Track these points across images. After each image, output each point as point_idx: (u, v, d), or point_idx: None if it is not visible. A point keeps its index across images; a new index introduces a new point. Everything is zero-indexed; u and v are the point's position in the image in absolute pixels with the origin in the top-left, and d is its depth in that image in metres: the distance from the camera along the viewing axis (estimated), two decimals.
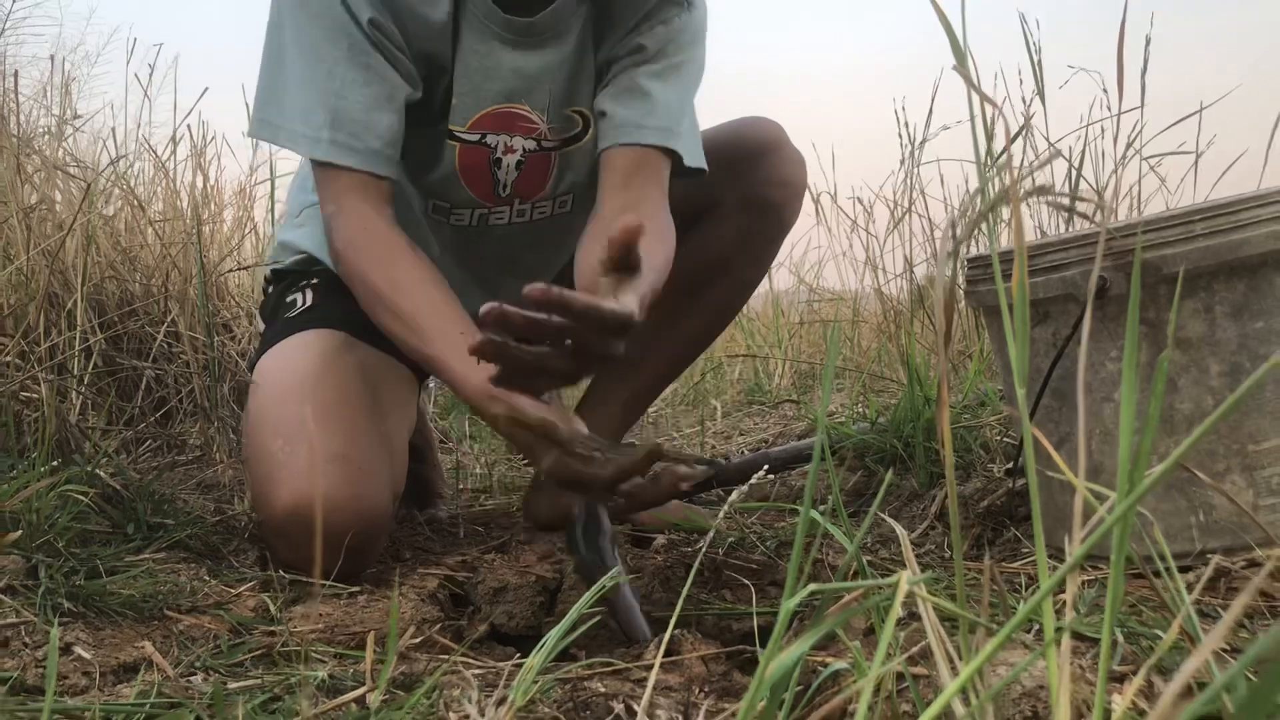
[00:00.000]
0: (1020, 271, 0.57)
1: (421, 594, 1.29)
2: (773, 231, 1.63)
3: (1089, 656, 0.86)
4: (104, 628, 1.08)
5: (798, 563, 0.43)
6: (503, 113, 1.43)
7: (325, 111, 1.28)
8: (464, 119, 1.42)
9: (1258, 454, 1.09)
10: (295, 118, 1.30)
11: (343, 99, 1.28)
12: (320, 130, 1.28)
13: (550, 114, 1.45)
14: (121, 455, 1.57)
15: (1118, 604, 0.52)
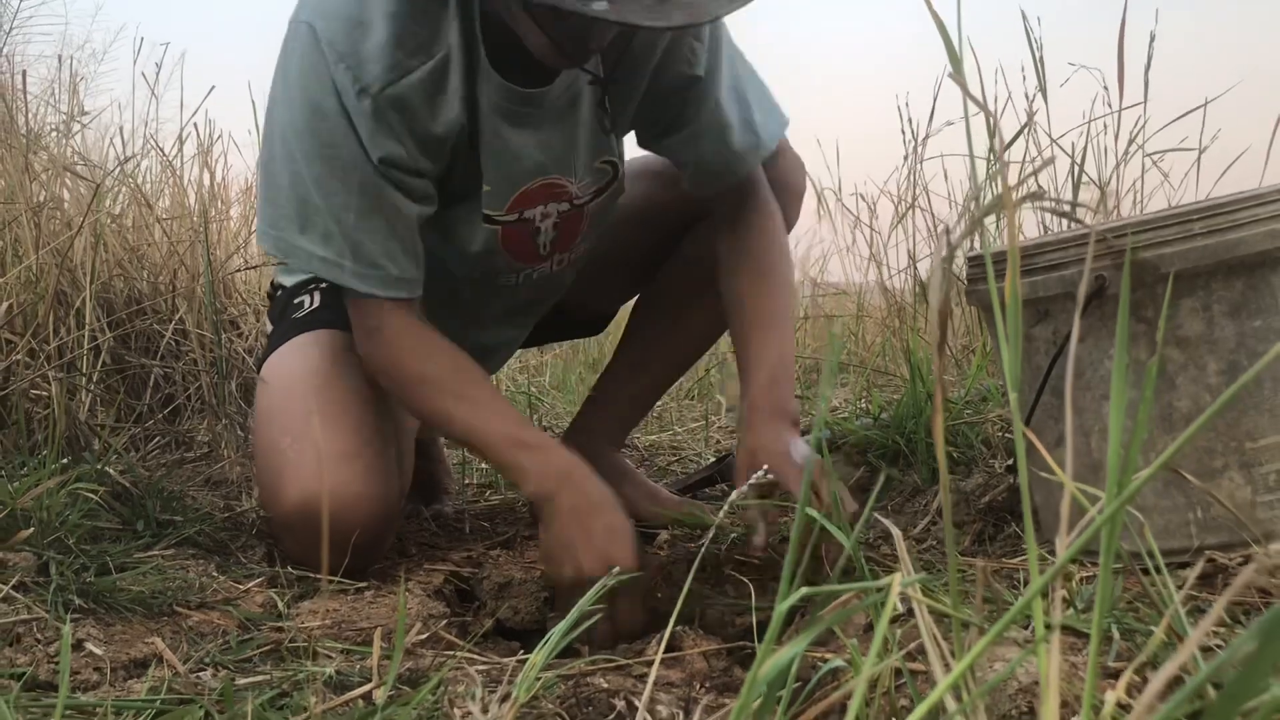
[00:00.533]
0: (1013, 278, 0.58)
1: (427, 590, 1.31)
2: None
3: (1084, 653, 0.87)
4: (114, 623, 1.10)
5: (793, 563, 0.44)
6: (537, 188, 1.42)
7: (345, 241, 1.28)
8: (500, 203, 1.41)
9: (1255, 451, 1.10)
10: (315, 241, 1.28)
11: (360, 231, 1.28)
12: (342, 258, 1.28)
13: (579, 175, 1.45)
14: (130, 452, 1.58)
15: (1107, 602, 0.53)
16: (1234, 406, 1.10)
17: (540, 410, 3.15)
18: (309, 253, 1.29)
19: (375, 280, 1.30)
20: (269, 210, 1.32)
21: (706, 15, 1.13)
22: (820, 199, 3.32)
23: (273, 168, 1.30)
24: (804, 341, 3.71)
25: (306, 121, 1.25)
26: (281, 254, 1.34)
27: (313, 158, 1.26)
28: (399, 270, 1.31)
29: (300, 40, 1.25)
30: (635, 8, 1.09)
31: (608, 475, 1.65)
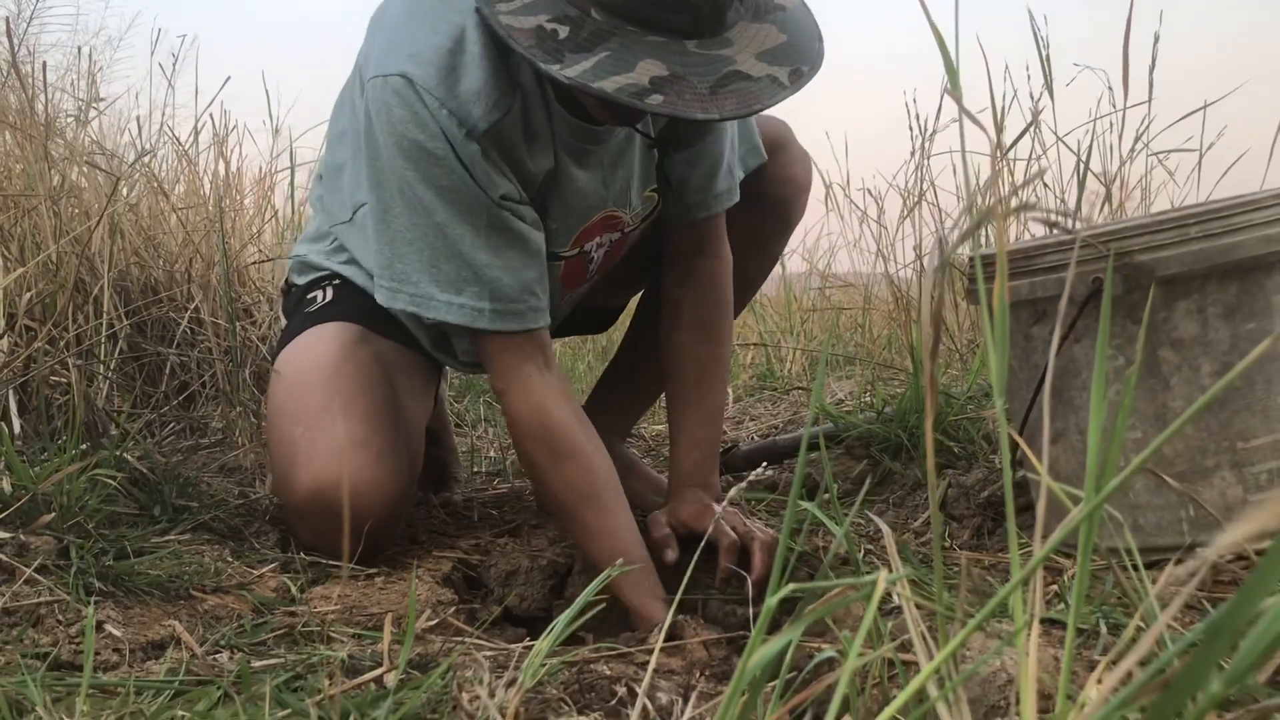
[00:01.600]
0: (1001, 288, 0.61)
1: (436, 576, 1.34)
2: (779, 228, 1.66)
3: (1075, 645, 0.90)
4: (133, 606, 1.13)
5: (782, 558, 0.47)
6: (597, 222, 1.47)
7: (481, 284, 1.29)
8: (565, 240, 1.45)
9: (1247, 451, 1.12)
10: (449, 289, 1.30)
11: (495, 269, 1.30)
12: (480, 301, 1.30)
13: (634, 205, 1.50)
14: (147, 438, 1.61)
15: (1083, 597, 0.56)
16: (1226, 407, 1.13)
17: None
18: (446, 303, 1.30)
19: (515, 317, 1.32)
20: (396, 265, 1.32)
21: (758, 104, 1.16)
22: (829, 191, 3.35)
23: (393, 223, 1.31)
24: (811, 332, 3.73)
25: (423, 170, 1.26)
26: (417, 308, 1.33)
27: (435, 205, 1.27)
28: (535, 299, 1.33)
29: (396, 93, 1.24)
30: (689, 98, 1.12)
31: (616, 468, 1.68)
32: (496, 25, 1.14)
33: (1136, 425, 1.15)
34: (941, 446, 1.64)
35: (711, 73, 1.14)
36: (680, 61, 1.13)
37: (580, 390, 3.40)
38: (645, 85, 1.11)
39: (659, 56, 1.12)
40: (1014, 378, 1.28)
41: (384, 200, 1.30)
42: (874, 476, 1.76)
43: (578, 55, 1.12)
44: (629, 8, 1.13)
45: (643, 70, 1.11)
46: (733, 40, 1.17)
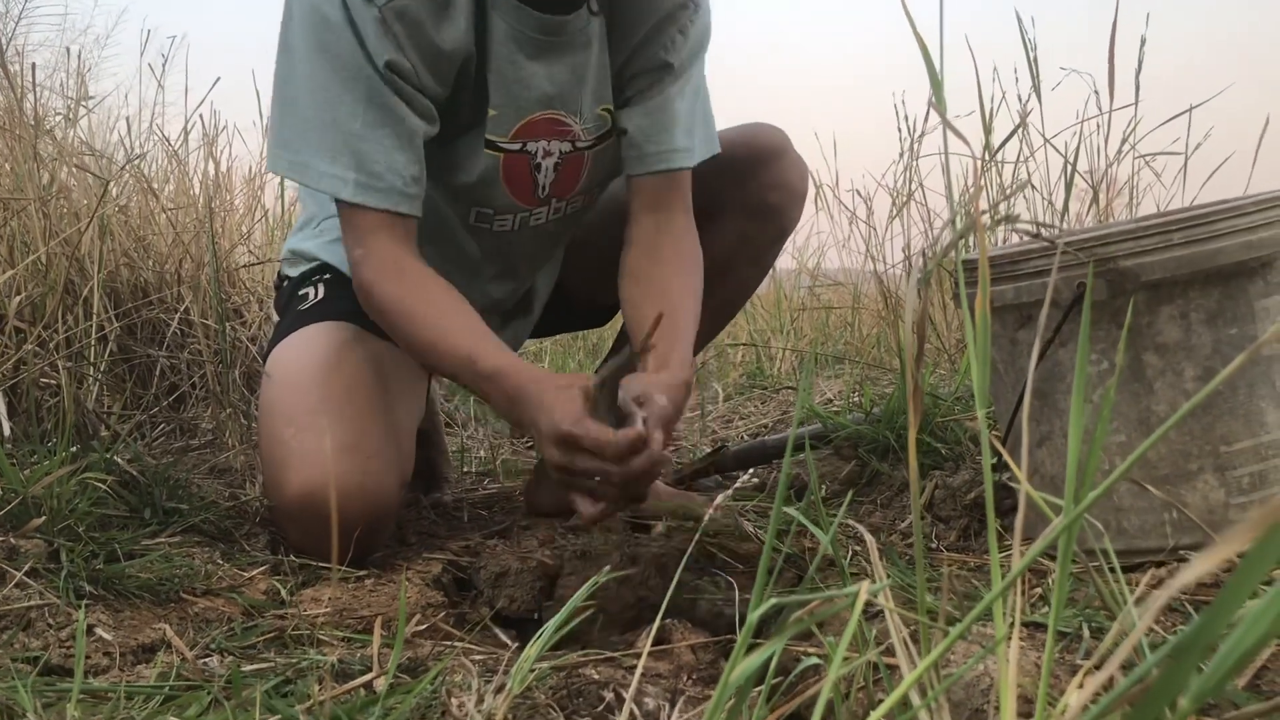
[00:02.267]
0: (983, 301, 0.61)
1: (426, 579, 1.35)
2: (774, 235, 1.67)
3: (1058, 649, 0.91)
4: (123, 609, 1.13)
5: (765, 569, 0.48)
6: (542, 120, 1.46)
7: (350, 154, 1.30)
8: (505, 129, 1.45)
9: (1229, 455, 1.13)
10: (322, 158, 1.31)
11: (365, 141, 1.30)
12: (346, 172, 1.31)
13: (584, 116, 1.50)
14: (137, 440, 1.62)
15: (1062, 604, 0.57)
16: (1209, 411, 1.14)
17: None
18: (318, 170, 1.32)
19: (377, 193, 1.32)
20: (281, 131, 1.35)
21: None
22: (819, 191, 3.36)
23: (288, 90, 1.34)
24: (801, 331, 3.74)
25: (315, 33, 1.29)
26: (293, 172, 1.36)
27: (320, 69, 1.29)
28: (402, 183, 1.33)
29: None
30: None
31: None
32: None
33: (1120, 429, 1.16)
34: (928, 448, 1.65)
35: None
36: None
37: None
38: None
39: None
40: (1000, 381, 1.28)
41: (284, 67, 1.34)
42: (862, 477, 1.77)
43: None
44: None
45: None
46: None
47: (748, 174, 1.61)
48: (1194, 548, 1.14)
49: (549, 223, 1.59)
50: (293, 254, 1.62)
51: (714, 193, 1.62)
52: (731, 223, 1.62)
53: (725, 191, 1.62)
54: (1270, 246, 1.12)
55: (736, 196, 1.62)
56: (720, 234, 1.63)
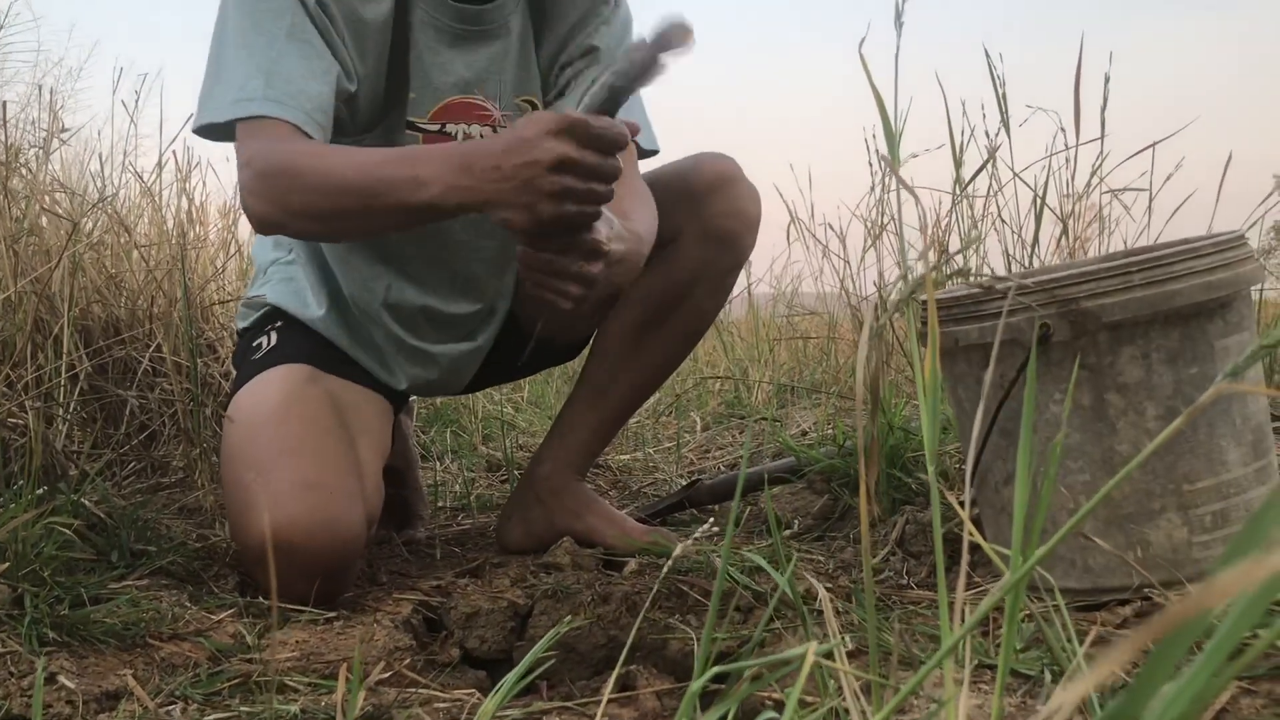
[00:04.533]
0: (933, 362, 0.62)
1: (395, 620, 1.34)
2: (729, 263, 1.67)
3: (1019, 693, 0.92)
4: (87, 655, 1.13)
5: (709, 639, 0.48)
6: (460, 104, 1.52)
7: (261, 75, 1.30)
8: (423, 111, 1.51)
9: (1192, 493, 1.14)
10: (230, 91, 1.32)
11: (278, 64, 1.31)
12: (254, 93, 1.30)
13: (503, 103, 1.55)
14: (105, 480, 1.61)
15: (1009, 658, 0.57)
16: (1171, 450, 1.15)
17: (518, 429, 3.18)
18: (227, 102, 1.32)
19: (281, 108, 1.30)
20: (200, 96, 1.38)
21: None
22: (794, 220, 3.37)
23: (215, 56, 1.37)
24: (779, 359, 3.75)
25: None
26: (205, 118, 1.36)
27: (246, 18, 1.33)
28: (311, 106, 1.32)
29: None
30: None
31: (574, 505, 1.69)
32: None
33: (1084, 468, 1.17)
34: (899, 483, 1.66)
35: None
36: None
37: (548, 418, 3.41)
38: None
39: None
40: (967, 420, 1.29)
41: (217, 35, 1.38)
42: (835, 512, 1.77)
43: None
44: None
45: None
46: None
47: (701, 203, 1.62)
48: (1158, 586, 1.15)
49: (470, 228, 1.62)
50: (244, 308, 1.66)
51: (669, 223, 1.62)
52: (687, 252, 1.63)
53: (680, 221, 1.62)
54: (1228, 287, 1.14)
55: (691, 226, 1.63)
56: (677, 264, 1.63)
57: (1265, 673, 0.90)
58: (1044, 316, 1.15)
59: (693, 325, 1.72)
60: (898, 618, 1.23)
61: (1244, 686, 0.88)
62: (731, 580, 1.44)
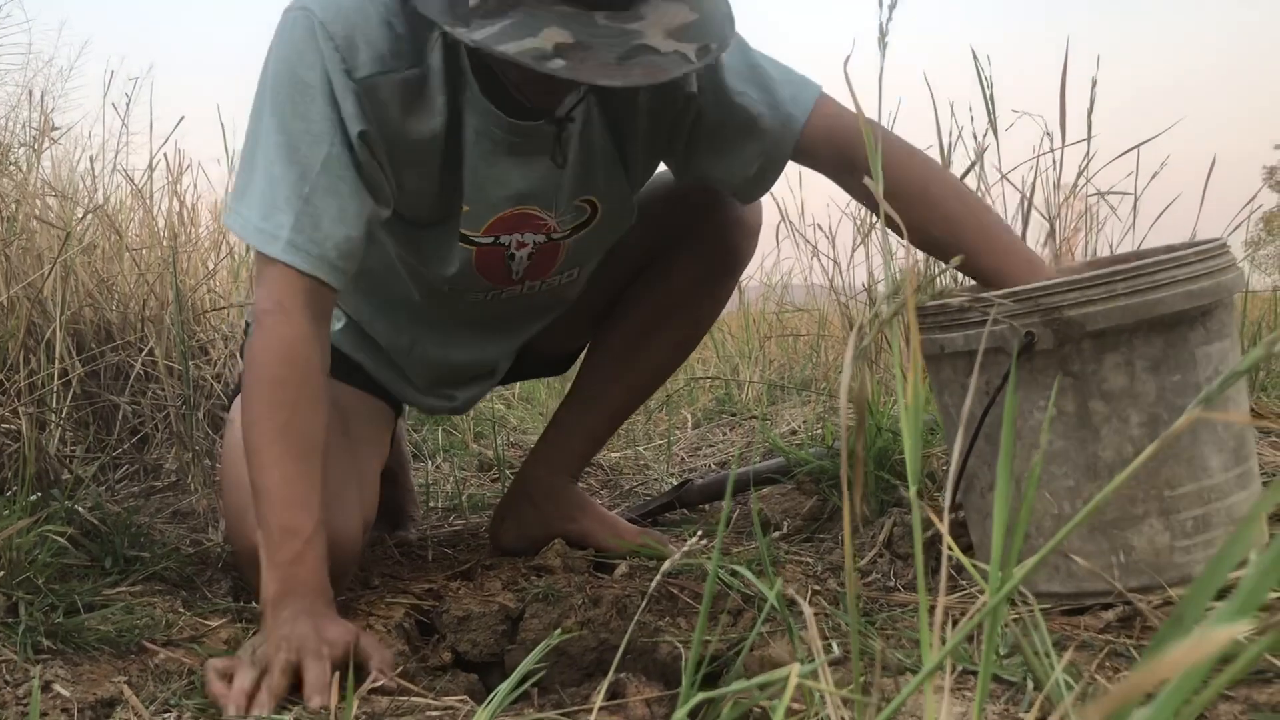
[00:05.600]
0: (915, 385, 0.63)
1: (388, 624, 1.35)
2: (728, 270, 1.68)
3: (1003, 700, 0.93)
4: (82, 663, 1.14)
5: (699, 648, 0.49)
6: (514, 215, 1.46)
7: (290, 213, 1.26)
8: (477, 226, 1.44)
9: (1174, 499, 1.16)
10: (257, 211, 1.28)
11: (310, 204, 1.27)
12: (280, 229, 1.26)
13: (559, 210, 1.48)
14: (99, 484, 1.61)
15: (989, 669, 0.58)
16: (1154, 456, 1.16)
17: (509, 426, 3.19)
18: (254, 226, 1.28)
19: (305, 257, 1.27)
20: (238, 186, 1.32)
21: (664, 75, 1.17)
22: (784, 218, 3.39)
23: (250, 149, 1.31)
24: (769, 357, 3.77)
25: (288, 96, 1.27)
26: (234, 227, 1.32)
27: (284, 130, 1.27)
28: (335, 254, 1.28)
29: (297, 25, 1.27)
30: (593, 65, 1.13)
31: (566, 507, 1.70)
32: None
33: (1069, 474, 1.19)
34: (888, 484, 1.68)
35: (619, 45, 1.15)
36: (587, 32, 1.14)
37: (540, 416, 3.42)
38: (549, 50, 1.12)
39: (565, 25, 1.14)
40: (952, 426, 1.31)
41: (254, 125, 1.32)
42: (824, 513, 1.79)
43: (485, 21, 1.14)
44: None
45: (547, 37, 1.13)
46: (644, 15, 1.18)
47: (701, 210, 1.62)
48: (1141, 590, 1.16)
49: (526, 295, 1.59)
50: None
51: (670, 230, 1.64)
52: (685, 261, 1.64)
53: (682, 228, 1.63)
54: (1210, 296, 1.15)
55: (690, 235, 1.63)
56: (675, 273, 1.64)
57: (1245, 678, 0.92)
58: (1028, 325, 1.16)
59: (688, 333, 1.73)
60: (884, 621, 1.24)
61: (1223, 693, 0.90)
62: (722, 584, 1.45)
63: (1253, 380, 1.95)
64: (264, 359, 1.26)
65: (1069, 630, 1.13)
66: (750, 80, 1.44)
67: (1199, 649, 0.26)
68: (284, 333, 1.26)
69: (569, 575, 1.53)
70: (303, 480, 1.23)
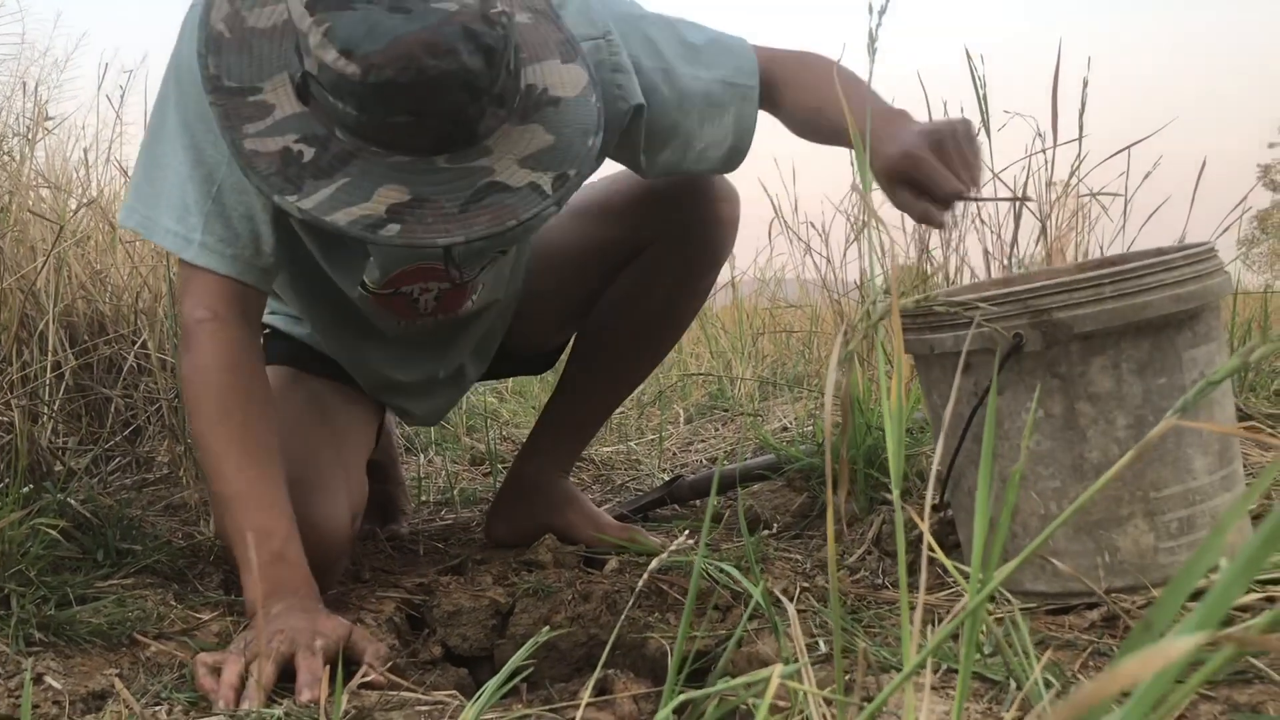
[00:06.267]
0: (898, 389, 0.64)
1: (379, 619, 1.36)
2: (707, 265, 1.67)
3: (985, 699, 0.94)
4: (74, 655, 1.14)
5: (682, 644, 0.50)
6: (414, 270, 1.42)
7: (200, 214, 1.22)
8: (378, 279, 1.42)
9: (1159, 500, 1.17)
10: (170, 214, 1.23)
11: (220, 204, 1.23)
12: (193, 231, 1.22)
13: (470, 262, 1.44)
14: (91, 476, 1.62)
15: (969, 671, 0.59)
16: (1140, 458, 1.17)
17: (502, 420, 3.20)
18: (163, 227, 1.24)
19: (223, 259, 1.23)
20: (139, 184, 1.27)
21: (513, 218, 1.11)
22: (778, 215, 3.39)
23: (152, 142, 1.27)
24: (762, 352, 3.78)
25: (193, 92, 1.21)
26: (139, 227, 1.28)
27: (189, 129, 1.23)
28: (249, 251, 1.24)
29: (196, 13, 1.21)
30: (431, 222, 1.07)
31: (555, 501, 1.71)
32: (237, 154, 1.09)
33: (1055, 475, 1.20)
34: (877, 482, 1.69)
35: (464, 188, 1.10)
36: (426, 180, 1.09)
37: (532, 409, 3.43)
38: (381, 215, 1.07)
39: (401, 180, 1.08)
40: (941, 426, 1.32)
41: (157, 119, 1.27)
42: (814, 510, 1.80)
43: (318, 182, 1.09)
44: (366, 130, 1.08)
45: (381, 198, 1.07)
46: (491, 148, 1.13)
47: (675, 207, 1.59)
48: (1125, 590, 1.17)
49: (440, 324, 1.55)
50: None
51: (649, 227, 1.63)
52: (663, 258, 1.63)
53: (660, 225, 1.62)
54: (1197, 299, 1.16)
55: (667, 231, 1.61)
56: (660, 268, 1.64)
57: (1225, 679, 0.93)
58: (1017, 327, 1.17)
59: (670, 329, 1.74)
60: (871, 619, 1.25)
61: (1203, 693, 0.91)
62: (710, 580, 1.46)
63: (1241, 380, 1.96)
64: (207, 368, 1.24)
65: (1054, 630, 1.14)
66: (696, 61, 1.39)
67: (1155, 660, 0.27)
68: (222, 339, 1.24)
69: (559, 570, 1.54)
70: (268, 482, 1.22)
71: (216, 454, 1.22)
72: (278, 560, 1.19)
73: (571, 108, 1.18)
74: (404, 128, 1.08)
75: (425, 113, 1.07)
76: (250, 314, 1.28)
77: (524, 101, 1.16)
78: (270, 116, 1.11)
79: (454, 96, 1.07)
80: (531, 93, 1.17)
